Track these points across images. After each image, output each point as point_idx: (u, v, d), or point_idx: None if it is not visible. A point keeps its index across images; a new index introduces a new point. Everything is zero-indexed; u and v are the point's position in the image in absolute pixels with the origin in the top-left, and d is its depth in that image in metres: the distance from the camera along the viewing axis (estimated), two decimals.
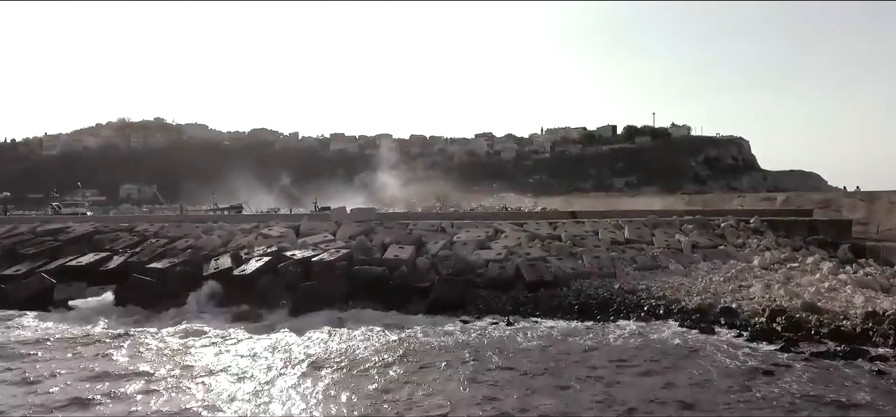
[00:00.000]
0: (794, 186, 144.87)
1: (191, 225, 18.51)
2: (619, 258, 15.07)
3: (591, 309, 12.53)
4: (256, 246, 15.66)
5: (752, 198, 29.19)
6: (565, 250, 15.36)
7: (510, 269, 14.10)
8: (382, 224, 18.63)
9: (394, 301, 13.21)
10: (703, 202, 31.16)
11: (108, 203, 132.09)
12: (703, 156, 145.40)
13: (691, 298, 12.62)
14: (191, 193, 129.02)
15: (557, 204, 62.94)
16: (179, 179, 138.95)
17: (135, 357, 9.82)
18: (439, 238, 16.52)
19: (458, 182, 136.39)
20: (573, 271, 14.18)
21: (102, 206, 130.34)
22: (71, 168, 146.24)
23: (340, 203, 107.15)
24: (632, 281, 13.87)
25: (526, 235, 16.60)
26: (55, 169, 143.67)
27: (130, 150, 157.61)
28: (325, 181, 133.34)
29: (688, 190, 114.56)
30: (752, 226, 18.06)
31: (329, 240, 16.23)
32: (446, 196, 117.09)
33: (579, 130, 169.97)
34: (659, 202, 36.12)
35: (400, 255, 14.68)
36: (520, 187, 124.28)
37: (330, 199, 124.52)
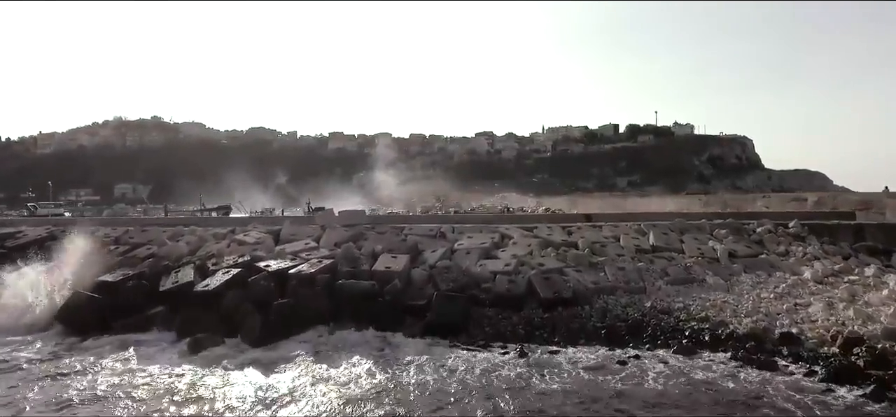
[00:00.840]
0: (798, 185, 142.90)
1: (158, 230, 16.41)
2: (647, 269, 12.96)
3: (620, 334, 10.42)
4: (227, 256, 13.54)
5: (778, 199, 27.02)
6: (584, 260, 13.24)
7: (521, 283, 11.99)
8: (374, 228, 16.52)
9: (384, 321, 11.11)
10: (721, 203, 29.10)
11: (102, 202, 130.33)
12: (707, 155, 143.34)
13: (740, 320, 10.52)
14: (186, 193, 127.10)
15: (562, 204, 60.87)
16: (175, 179, 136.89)
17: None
18: (438, 245, 14.41)
19: (459, 181, 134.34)
20: (595, 285, 12.07)
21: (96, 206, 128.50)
22: (66, 167, 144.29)
23: (337, 203, 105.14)
24: (665, 297, 11.77)
25: (537, 242, 14.49)
26: (50, 168, 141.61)
27: (126, 149, 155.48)
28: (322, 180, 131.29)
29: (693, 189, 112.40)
30: (791, 231, 15.96)
31: (311, 248, 14.13)
32: (446, 195, 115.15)
33: (581, 129, 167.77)
34: (672, 203, 34.01)
35: (392, 267, 12.57)
36: (521, 186, 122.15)
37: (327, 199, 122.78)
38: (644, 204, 37.60)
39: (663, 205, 34.99)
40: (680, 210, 31.23)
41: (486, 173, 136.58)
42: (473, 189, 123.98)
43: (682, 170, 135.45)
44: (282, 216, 65.59)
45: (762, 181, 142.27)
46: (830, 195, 25.74)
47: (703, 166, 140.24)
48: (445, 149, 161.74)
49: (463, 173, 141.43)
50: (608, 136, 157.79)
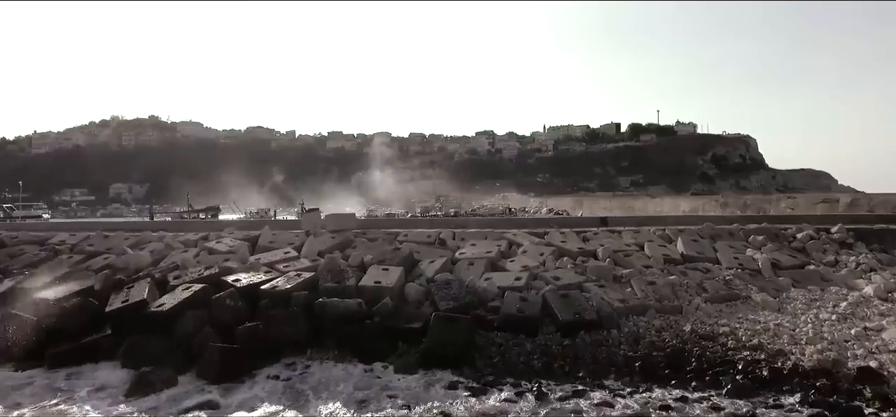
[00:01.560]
0: (804, 185, 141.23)
1: (121, 236, 14.54)
2: (680, 284, 11.10)
3: (658, 368, 8.56)
4: (193, 268, 11.67)
5: (804, 200, 25.11)
6: (607, 272, 11.38)
7: (535, 302, 10.12)
8: (365, 233, 14.68)
9: (372, 350, 9.26)
10: (740, 204, 27.20)
11: (97, 203, 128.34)
12: (711, 154, 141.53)
13: (802, 349, 8.66)
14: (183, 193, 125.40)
15: (567, 204, 58.88)
16: (172, 179, 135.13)
17: None
18: (437, 254, 12.56)
19: (459, 181, 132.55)
20: (622, 304, 10.20)
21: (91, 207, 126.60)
22: (61, 167, 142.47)
23: (334, 204, 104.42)
24: (706, 318, 9.92)
25: (551, 251, 12.63)
26: (45, 168, 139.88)
27: (122, 149, 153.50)
28: (319, 180, 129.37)
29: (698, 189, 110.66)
30: (836, 237, 14.13)
31: (291, 258, 12.27)
32: (446, 195, 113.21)
33: (582, 128, 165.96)
34: (685, 204, 32.09)
35: (383, 281, 10.71)
36: (523, 186, 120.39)
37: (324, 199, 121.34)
38: (655, 205, 35.63)
39: (676, 206, 33.10)
40: (695, 211, 29.42)
41: (486, 173, 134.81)
42: (474, 189, 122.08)
43: (685, 169, 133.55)
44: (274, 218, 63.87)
45: (767, 180, 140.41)
46: (865, 196, 23.85)
47: (706, 165, 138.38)
48: (445, 149, 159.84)
49: (463, 173, 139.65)
50: (610, 136, 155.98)
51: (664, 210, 35.14)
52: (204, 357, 8.82)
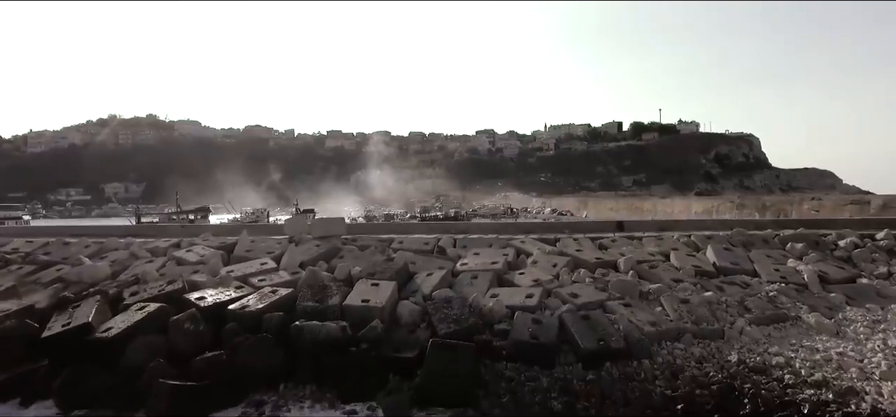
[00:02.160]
0: (808, 184, 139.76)
1: (79, 244, 13.00)
2: (718, 302, 9.56)
3: (704, 410, 7.03)
4: (153, 282, 10.14)
5: (831, 202, 23.58)
6: (632, 288, 9.84)
7: (551, 326, 8.59)
8: (355, 240, 13.14)
9: (357, 386, 7.73)
10: (758, 206, 25.63)
11: (92, 203, 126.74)
12: (714, 153, 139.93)
13: (877, 387, 7.13)
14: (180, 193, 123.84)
15: (571, 205, 57.33)
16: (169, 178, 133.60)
17: None
18: (435, 265, 11.02)
19: (459, 180, 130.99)
20: (654, 328, 8.66)
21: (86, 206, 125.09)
22: (56, 166, 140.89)
23: (332, 203, 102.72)
24: (754, 345, 8.39)
25: (565, 261, 11.09)
26: (40, 167, 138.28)
27: (119, 148, 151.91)
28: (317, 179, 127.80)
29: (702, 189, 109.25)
30: (883, 244, 12.60)
31: (268, 270, 10.74)
32: (446, 195, 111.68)
33: (584, 127, 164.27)
34: (698, 205, 30.50)
35: (372, 300, 9.18)
36: (524, 186, 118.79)
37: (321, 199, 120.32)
38: (666, 206, 34.00)
39: (687, 207, 31.50)
40: (709, 213, 27.97)
41: (487, 172, 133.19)
42: (475, 188, 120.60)
43: (688, 168, 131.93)
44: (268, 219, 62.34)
45: (771, 180, 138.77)
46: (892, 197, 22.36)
47: (709, 164, 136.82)
48: (445, 148, 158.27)
49: (463, 172, 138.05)
50: (612, 134, 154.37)
51: (675, 211, 33.57)
52: (152, 395, 7.29)
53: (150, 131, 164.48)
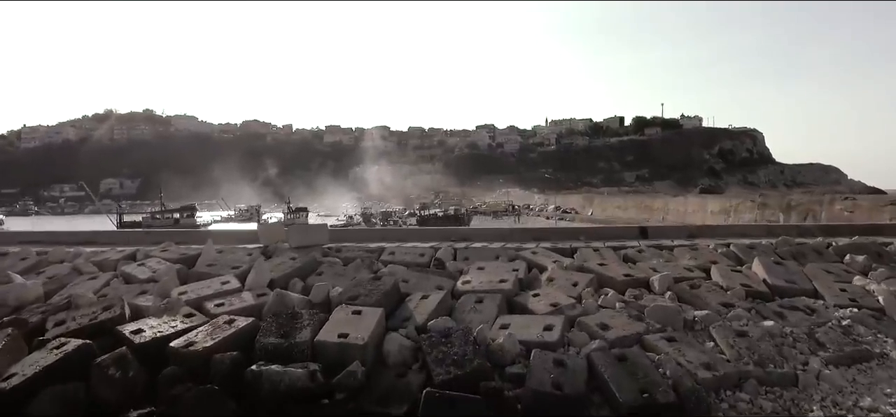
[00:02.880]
0: (813, 180, 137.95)
1: (15, 257, 11.15)
2: (782, 335, 7.72)
3: None
4: (85, 308, 8.30)
5: (867, 202, 21.70)
6: (674, 316, 7.99)
7: (577, 370, 6.76)
8: (339, 251, 11.32)
9: None
10: (783, 205, 23.70)
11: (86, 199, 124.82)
12: (717, 148, 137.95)
13: None
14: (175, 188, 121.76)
15: (575, 202, 55.37)
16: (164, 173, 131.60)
17: None
18: (432, 284, 9.18)
19: (459, 176, 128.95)
20: (709, 372, 6.81)
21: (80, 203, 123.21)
22: (50, 161, 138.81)
23: (328, 200, 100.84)
24: (839, 396, 6.55)
25: (587, 278, 9.25)
26: (33, 162, 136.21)
27: (113, 143, 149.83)
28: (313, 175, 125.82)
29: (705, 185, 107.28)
30: None
31: (229, 292, 8.89)
32: (446, 191, 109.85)
33: (585, 122, 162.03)
34: (714, 204, 28.51)
35: (351, 334, 7.34)
36: (525, 181, 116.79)
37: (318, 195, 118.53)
38: (678, 204, 31.96)
39: (702, 206, 29.54)
40: (727, 213, 26.17)
41: (487, 168, 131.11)
42: (475, 184, 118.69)
43: (691, 163, 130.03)
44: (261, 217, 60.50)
45: (775, 176, 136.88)
46: None
47: (713, 160, 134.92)
48: (445, 143, 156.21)
49: (463, 168, 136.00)
50: (613, 129, 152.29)
51: (689, 210, 31.77)
52: None
53: (146, 126, 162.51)
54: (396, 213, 69.23)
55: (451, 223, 39.53)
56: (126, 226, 38.78)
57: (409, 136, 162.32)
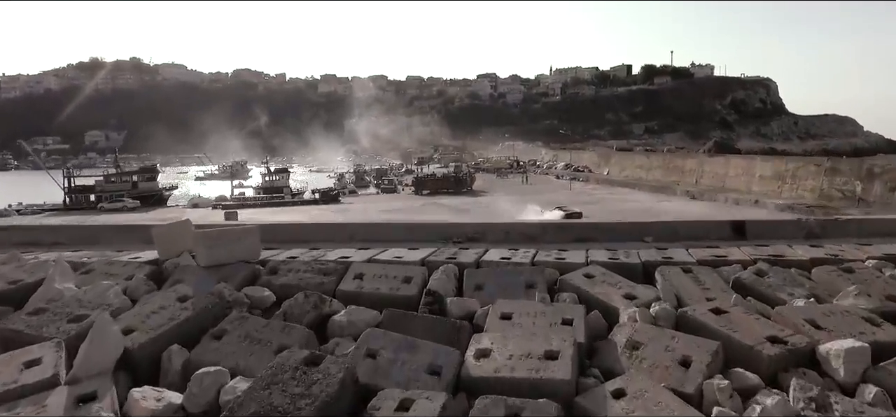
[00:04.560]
0: (828, 132, 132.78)
1: None
2: None
3: None
4: None
5: None
6: None
7: None
8: (275, 271, 7.12)
9: None
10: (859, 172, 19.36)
11: (70, 152, 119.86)
12: (730, 98, 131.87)
13: None
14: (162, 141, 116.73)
15: (588, 160, 50.47)
16: (151, 125, 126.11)
17: None
18: (420, 361, 4.95)
19: (460, 128, 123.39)
20: None
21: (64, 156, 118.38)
22: (31, 113, 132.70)
23: (318, 155, 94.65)
24: None
25: (705, 352, 5.04)
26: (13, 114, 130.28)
27: (98, 93, 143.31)
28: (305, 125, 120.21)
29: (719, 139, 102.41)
30: None
31: (29, 389, 4.64)
32: (446, 145, 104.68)
33: (591, 71, 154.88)
34: (766, 167, 24.00)
35: None
36: (528, 134, 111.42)
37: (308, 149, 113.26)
38: (715, 166, 27.44)
39: (748, 170, 25.21)
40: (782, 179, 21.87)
41: (489, 119, 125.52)
42: (476, 137, 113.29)
43: (703, 115, 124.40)
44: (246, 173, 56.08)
45: (788, 127, 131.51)
46: None
47: (725, 111, 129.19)
48: (445, 93, 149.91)
49: (464, 119, 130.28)
50: (621, 78, 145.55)
51: (729, 174, 27.50)
52: None
53: (132, 75, 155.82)
54: (392, 171, 64.78)
55: (451, 185, 35.24)
56: (76, 192, 34.28)
57: (407, 86, 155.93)
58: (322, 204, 31.11)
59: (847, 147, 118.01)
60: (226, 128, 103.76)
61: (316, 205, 30.83)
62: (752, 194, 22.64)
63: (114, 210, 29.99)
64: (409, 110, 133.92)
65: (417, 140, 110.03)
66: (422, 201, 31.81)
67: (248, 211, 27.55)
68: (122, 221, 14.30)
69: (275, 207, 29.75)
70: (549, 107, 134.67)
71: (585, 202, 26.66)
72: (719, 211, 22.03)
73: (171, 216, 27.83)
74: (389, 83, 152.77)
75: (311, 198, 31.98)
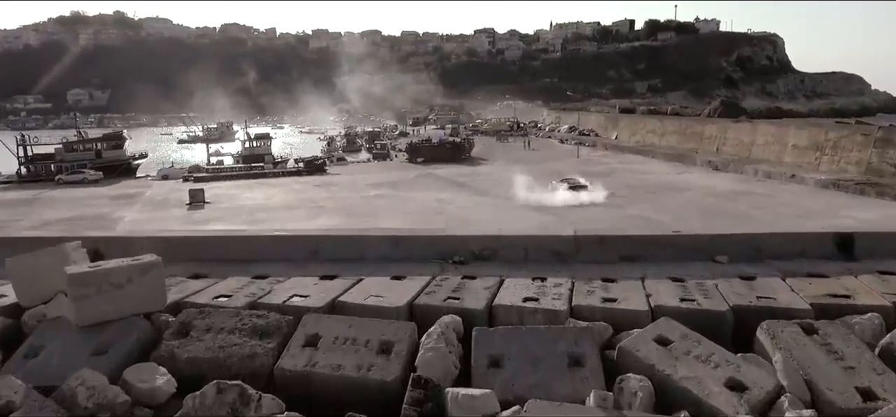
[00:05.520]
0: (834, 90, 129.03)
1: None
2: None
3: None
4: None
5: None
6: None
7: None
8: (186, 332, 4.66)
9: None
10: None
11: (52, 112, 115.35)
12: (736, 55, 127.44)
13: None
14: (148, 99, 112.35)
15: (595, 123, 47.29)
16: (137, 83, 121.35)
17: None
18: None
19: (456, 86, 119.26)
20: None
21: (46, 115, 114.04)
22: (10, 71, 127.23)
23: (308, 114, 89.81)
24: None
25: None
26: None
27: (81, 49, 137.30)
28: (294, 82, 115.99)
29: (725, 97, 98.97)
30: None
31: None
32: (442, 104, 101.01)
33: (593, 25, 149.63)
34: (800, 136, 21.20)
35: None
36: (527, 93, 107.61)
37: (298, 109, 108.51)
38: (739, 133, 24.67)
39: (781, 137, 22.45)
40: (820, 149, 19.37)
41: (487, 77, 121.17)
42: (474, 96, 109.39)
43: (708, 72, 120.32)
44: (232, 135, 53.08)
45: (794, 85, 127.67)
46: None
47: (730, 68, 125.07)
48: (441, 49, 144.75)
49: (461, 77, 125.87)
50: (623, 34, 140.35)
51: (757, 142, 24.88)
52: None
53: (115, 31, 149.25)
54: (385, 133, 61.63)
55: (447, 153, 32.54)
56: (34, 161, 31.12)
57: (402, 42, 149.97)
58: (306, 174, 28.37)
59: (854, 106, 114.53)
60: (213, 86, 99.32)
61: (299, 176, 28.08)
62: (785, 166, 20.05)
63: (72, 183, 27.08)
64: (404, 67, 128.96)
65: (412, 99, 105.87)
66: (416, 172, 29.08)
67: (220, 186, 24.80)
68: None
69: (253, 178, 27.03)
70: (549, 64, 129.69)
71: (595, 173, 24.03)
72: (750, 186, 19.53)
73: (134, 189, 25.21)
74: (383, 39, 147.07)
75: (295, 168, 29.01)
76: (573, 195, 18.80)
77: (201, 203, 19.60)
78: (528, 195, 19.26)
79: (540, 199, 18.49)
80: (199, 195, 19.77)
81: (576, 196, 18.73)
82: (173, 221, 16.96)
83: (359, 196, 22.06)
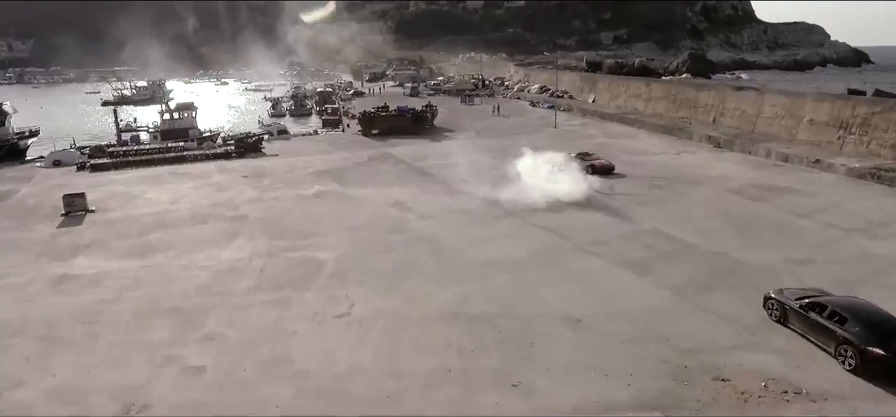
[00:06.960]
0: (795, 41, 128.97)
1: None
2: None
3: None
4: None
5: None
6: None
7: None
8: None
9: None
10: None
11: None
12: (701, 4, 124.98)
13: None
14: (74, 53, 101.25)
15: (568, 83, 42.75)
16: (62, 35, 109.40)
17: None
18: None
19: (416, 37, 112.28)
20: None
21: None
22: None
23: (259, 68, 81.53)
24: None
25: None
26: None
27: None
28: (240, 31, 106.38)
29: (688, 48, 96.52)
30: None
31: None
32: (400, 58, 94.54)
33: None
34: (819, 110, 17.90)
35: None
36: (491, 44, 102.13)
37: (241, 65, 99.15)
38: (743, 103, 21.16)
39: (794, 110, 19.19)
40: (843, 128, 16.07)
41: (448, 27, 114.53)
42: (434, 48, 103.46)
43: (673, 23, 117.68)
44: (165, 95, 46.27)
45: (758, 36, 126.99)
46: None
47: (696, 18, 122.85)
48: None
49: (421, 27, 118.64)
50: None
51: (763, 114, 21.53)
52: None
53: None
54: (339, 90, 55.58)
55: (408, 125, 28.23)
56: None
57: None
58: (237, 157, 23.68)
59: (815, 57, 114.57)
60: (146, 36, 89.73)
61: (227, 160, 23.38)
62: (799, 145, 16.94)
63: None
64: (359, 16, 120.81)
65: (368, 51, 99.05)
66: (370, 150, 24.77)
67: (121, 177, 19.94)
68: None
69: (169, 164, 22.21)
70: (513, 13, 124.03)
71: (579, 149, 20.45)
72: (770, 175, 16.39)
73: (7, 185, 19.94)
74: None
75: (224, 150, 23.97)
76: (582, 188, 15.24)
77: (82, 211, 15.06)
78: (513, 193, 15.51)
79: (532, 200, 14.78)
80: (79, 202, 15.16)
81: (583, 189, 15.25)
82: (24, 253, 12.18)
83: (295, 195, 17.56)
